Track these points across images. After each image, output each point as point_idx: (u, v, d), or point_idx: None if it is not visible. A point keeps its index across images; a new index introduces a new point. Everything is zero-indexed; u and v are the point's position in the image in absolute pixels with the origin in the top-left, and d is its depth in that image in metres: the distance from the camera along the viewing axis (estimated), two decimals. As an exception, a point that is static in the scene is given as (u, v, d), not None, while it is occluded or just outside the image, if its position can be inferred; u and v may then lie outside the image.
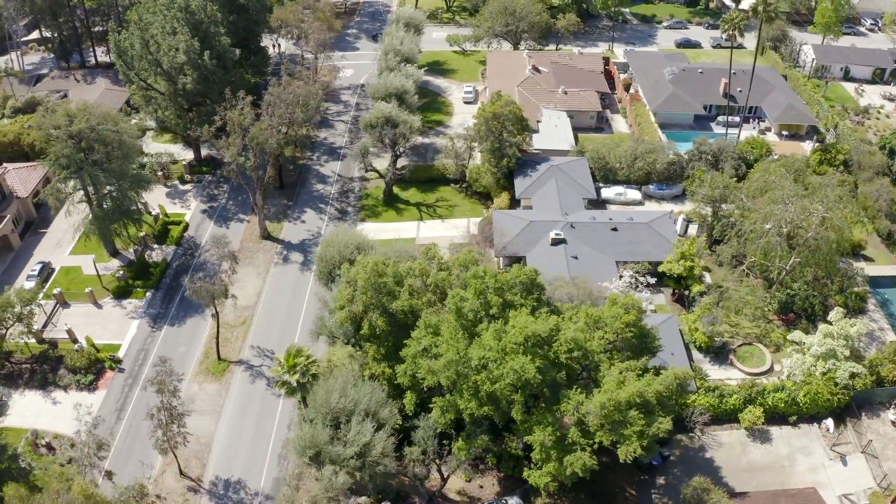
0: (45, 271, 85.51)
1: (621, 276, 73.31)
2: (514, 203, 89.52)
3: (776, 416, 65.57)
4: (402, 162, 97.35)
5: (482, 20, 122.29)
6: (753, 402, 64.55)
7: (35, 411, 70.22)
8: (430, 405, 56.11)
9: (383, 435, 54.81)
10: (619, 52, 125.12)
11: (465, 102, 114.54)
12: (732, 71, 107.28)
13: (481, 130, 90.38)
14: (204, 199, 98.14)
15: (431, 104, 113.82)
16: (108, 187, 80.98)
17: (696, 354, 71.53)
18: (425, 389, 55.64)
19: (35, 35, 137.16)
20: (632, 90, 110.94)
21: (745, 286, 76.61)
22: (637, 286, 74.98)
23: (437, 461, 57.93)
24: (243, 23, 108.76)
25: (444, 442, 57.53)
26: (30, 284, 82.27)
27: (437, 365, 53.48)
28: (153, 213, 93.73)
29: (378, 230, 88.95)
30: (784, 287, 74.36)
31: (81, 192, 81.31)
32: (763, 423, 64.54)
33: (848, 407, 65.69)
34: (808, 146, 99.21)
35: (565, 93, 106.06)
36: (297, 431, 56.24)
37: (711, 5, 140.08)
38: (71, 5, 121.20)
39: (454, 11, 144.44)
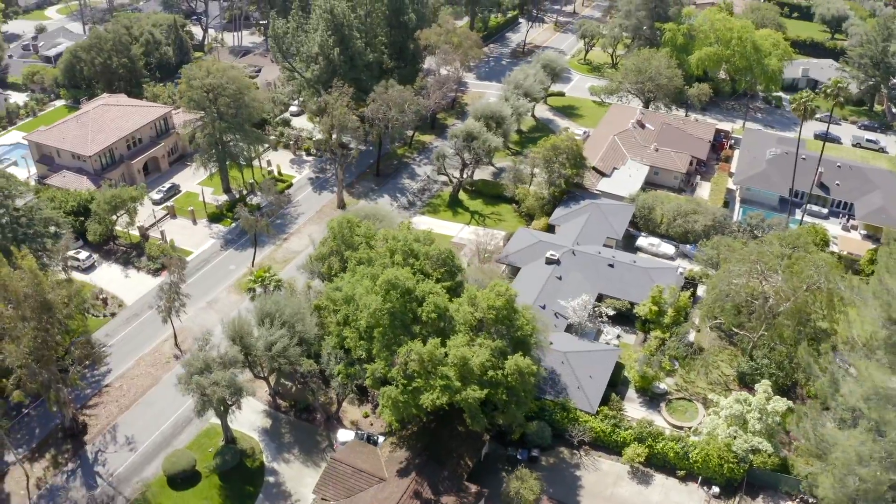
0: (173, 191, 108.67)
1: (582, 300, 76.78)
2: (551, 228, 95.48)
3: (667, 466, 65.45)
4: (469, 173, 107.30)
5: (617, 75, 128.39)
6: (643, 442, 65.23)
7: (110, 278, 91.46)
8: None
9: (287, 340, 65.91)
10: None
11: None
12: (837, 164, 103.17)
13: (538, 159, 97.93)
14: (316, 170, 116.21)
15: (541, 135, 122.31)
16: (227, 135, 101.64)
17: (631, 393, 73.00)
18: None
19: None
20: (725, 161, 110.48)
21: (726, 352, 76.00)
22: (599, 316, 78.14)
23: (338, 389, 67.50)
24: (399, 37, 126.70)
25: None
26: (157, 197, 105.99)
27: (336, 295, 63.94)
28: (270, 168, 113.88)
29: (428, 223, 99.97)
30: (751, 359, 72.73)
31: (209, 136, 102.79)
32: (644, 465, 65.02)
33: (747, 483, 63.59)
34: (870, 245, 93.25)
35: (656, 150, 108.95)
36: (232, 323, 69.33)
37: (877, 108, 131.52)
38: None
39: (618, 68, 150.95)
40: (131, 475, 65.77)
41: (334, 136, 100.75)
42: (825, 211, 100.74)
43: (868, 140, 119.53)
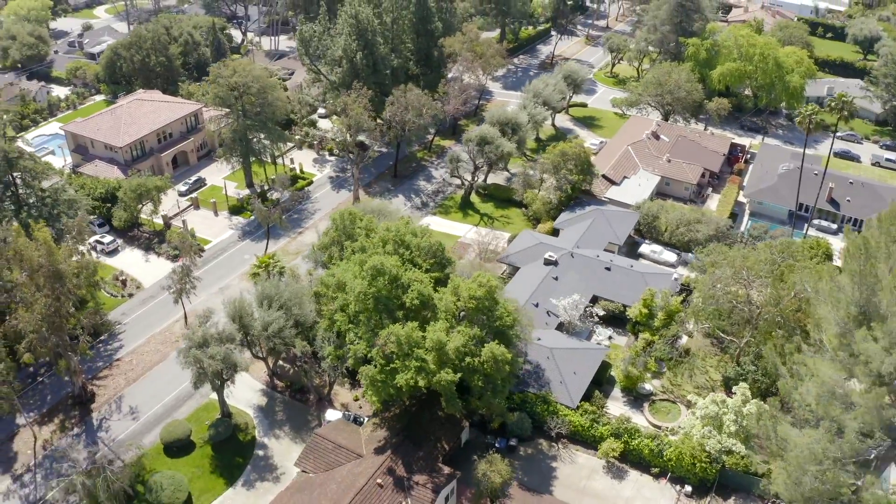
0: (199, 183, 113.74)
1: (573, 299, 78.57)
2: (556, 231, 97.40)
3: (643, 463, 66.64)
4: (481, 177, 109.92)
5: (638, 87, 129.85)
6: (619, 438, 66.66)
7: (132, 261, 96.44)
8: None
9: (283, 322, 69.26)
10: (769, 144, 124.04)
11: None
12: (849, 181, 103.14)
13: (547, 165, 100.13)
14: (337, 169, 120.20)
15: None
16: (251, 133, 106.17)
17: (616, 392, 74.43)
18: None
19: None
20: (738, 174, 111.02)
21: (716, 358, 77.00)
22: (590, 316, 79.89)
23: (329, 370, 70.56)
24: (425, 44, 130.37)
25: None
26: (183, 189, 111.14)
27: (330, 281, 67.23)
28: (292, 166, 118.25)
29: (437, 223, 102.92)
30: (737, 364, 73.60)
31: (234, 132, 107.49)
32: (620, 461, 66.42)
33: (720, 484, 64.47)
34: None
35: (668, 161, 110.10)
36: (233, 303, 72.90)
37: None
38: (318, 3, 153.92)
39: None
40: (132, 442, 69.58)
41: (350, 135, 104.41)
42: (834, 226, 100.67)
43: (888, 159, 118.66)
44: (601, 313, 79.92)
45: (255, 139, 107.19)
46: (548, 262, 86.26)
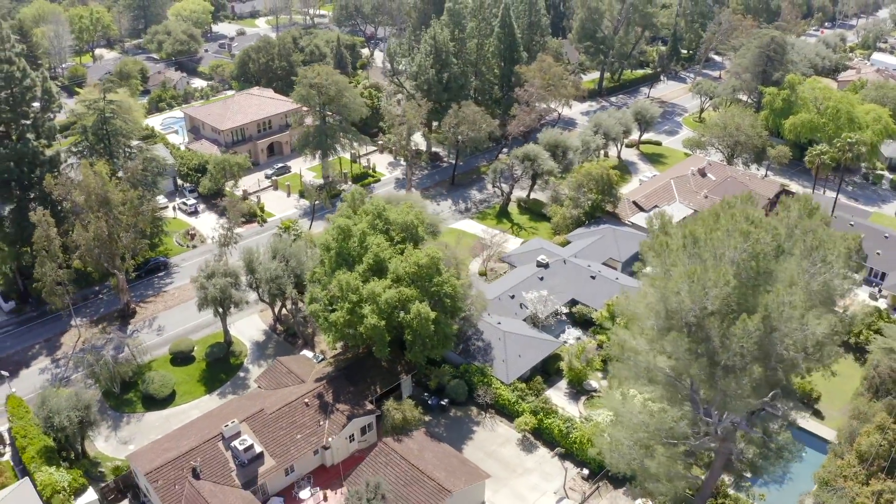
0: (284, 170, 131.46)
1: (540, 294, 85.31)
2: (569, 243, 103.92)
3: (554, 442, 71.95)
4: (518, 192, 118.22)
5: (703, 128, 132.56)
6: (536, 415, 72.70)
7: (206, 222, 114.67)
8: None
9: (281, 271, 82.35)
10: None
11: (640, 182, 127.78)
12: (885, 234, 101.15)
13: (572, 183, 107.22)
14: (406, 173, 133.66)
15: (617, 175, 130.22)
16: (329, 131, 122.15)
17: (562, 384, 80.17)
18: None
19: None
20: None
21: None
22: (556, 314, 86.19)
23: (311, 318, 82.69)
24: (509, 71, 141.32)
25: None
26: (269, 172, 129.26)
27: (319, 241, 79.91)
28: (366, 165, 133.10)
29: (471, 226, 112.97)
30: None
31: (315, 128, 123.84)
32: (534, 437, 72.30)
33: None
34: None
35: (706, 196, 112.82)
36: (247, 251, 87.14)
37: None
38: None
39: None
40: (150, 350, 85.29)
41: (405, 140, 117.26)
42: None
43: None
44: (565, 311, 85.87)
45: (330, 137, 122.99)
46: (540, 265, 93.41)
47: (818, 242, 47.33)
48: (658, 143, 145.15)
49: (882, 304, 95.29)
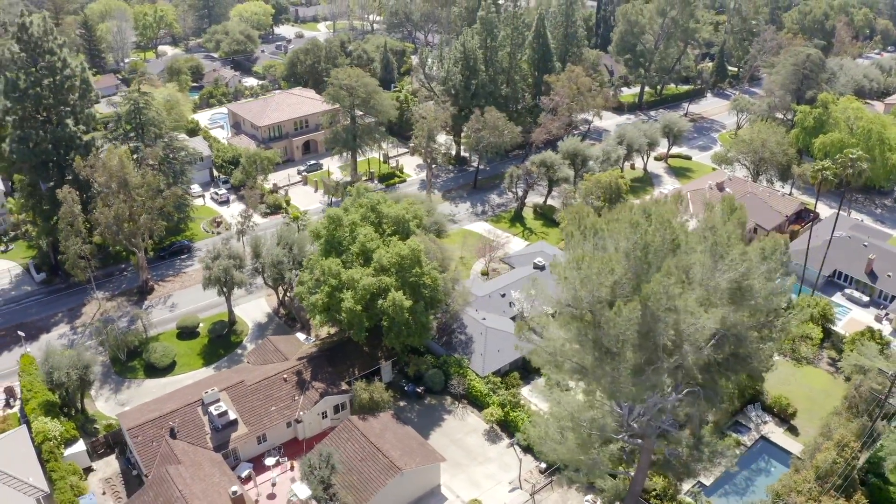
0: (316, 166, 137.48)
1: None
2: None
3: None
4: (536, 198, 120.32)
5: (731, 144, 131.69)
6: (504, 407, 75.04)
7: (234, 211, 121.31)
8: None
9: (283, 256, 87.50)
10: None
11: (660, 193, 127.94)
12: (879, 253, 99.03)
13: (581, 190, 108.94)
14: (432, 175, 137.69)
15: (640, 187, 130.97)
16: (359, 131, 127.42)
17: (541, 382, 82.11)
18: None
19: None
20: (791, 235, 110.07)
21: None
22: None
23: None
24: (540, 80, 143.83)
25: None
26: (301, 168, 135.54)
27: (313, 230, 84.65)
28: (394, 165, 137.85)
29: (479, 227, 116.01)
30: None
31: (345, 128, 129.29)
32: (500, 428, 74.63)
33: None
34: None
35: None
36: (254, 237, 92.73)
37: None
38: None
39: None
40: (160, 324, 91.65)
41: (425, 142, 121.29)
42: (866, 298, 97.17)
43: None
44: (551, 311, 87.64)
45: (359, 137, 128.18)
46: (535, 267, 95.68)
47: (714, 240, 48.72)
48: (688, 158, 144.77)
49: (886, 326, 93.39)
